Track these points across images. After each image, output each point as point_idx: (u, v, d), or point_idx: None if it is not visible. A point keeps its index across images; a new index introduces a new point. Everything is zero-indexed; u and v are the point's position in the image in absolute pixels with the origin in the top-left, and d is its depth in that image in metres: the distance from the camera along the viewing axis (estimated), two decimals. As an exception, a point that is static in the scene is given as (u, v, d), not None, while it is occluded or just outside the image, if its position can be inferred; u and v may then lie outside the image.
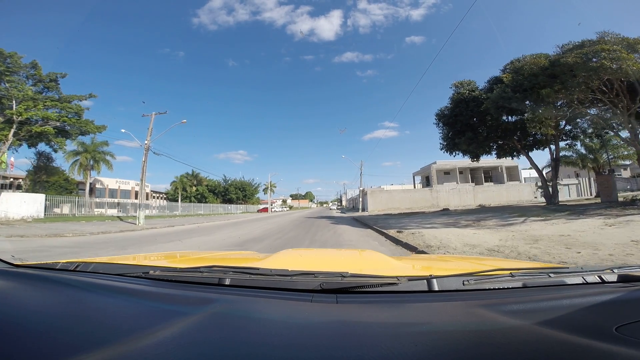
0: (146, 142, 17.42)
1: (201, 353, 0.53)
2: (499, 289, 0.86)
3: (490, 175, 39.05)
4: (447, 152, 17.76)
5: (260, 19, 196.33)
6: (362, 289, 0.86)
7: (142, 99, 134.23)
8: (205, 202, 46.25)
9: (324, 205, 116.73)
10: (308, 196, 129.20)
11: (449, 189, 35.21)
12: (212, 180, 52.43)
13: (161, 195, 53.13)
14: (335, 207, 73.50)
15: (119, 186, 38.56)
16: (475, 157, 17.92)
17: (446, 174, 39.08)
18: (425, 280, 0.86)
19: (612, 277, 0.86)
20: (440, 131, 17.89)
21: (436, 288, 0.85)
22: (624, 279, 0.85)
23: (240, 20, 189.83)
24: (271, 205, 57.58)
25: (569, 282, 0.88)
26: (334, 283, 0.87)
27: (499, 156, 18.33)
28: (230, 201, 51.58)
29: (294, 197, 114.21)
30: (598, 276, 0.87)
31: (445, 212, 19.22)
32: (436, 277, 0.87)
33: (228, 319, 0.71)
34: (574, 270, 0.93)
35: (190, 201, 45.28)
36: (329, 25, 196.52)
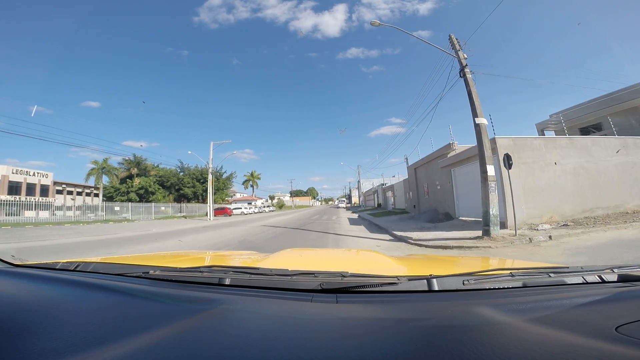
0: None
1: (201, 353, 0.53)
2: (499, 288, 0.86)
3: None
4: None
5: (262, 16, 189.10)
6: (362, 289, 0.86)
7: (145, 100, 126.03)
8: (152, 200, 31.36)
9: (329, 202, 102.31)
10: (310, 193, 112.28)
11: None
12: (166, 169, 36.52)
13: (94, 191, 38.72)
14: (343, 205, 51.79)
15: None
16: None
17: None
18: (425, 280, 0.86)
19: (612, 277, 0.86)
20: None
21: (436, 288, 0.85)
22: (624, 278, 0.85)
23: (241, 18, 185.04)
24: (249, 204, 41.41)
25: (569, 282, 0.88)
26: (334, 283, 0.87)
27: None
28: (185, 197, 35.58)
29: (294, 193, 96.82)
30: (598, 276, 0.87)
31: None
32: (436, 276, 0.87)
33: (228, 319, 0.71)
34: (574, 270, 0.93)
35: (129, 199, 30.38)
36: (333, 21, 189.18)
